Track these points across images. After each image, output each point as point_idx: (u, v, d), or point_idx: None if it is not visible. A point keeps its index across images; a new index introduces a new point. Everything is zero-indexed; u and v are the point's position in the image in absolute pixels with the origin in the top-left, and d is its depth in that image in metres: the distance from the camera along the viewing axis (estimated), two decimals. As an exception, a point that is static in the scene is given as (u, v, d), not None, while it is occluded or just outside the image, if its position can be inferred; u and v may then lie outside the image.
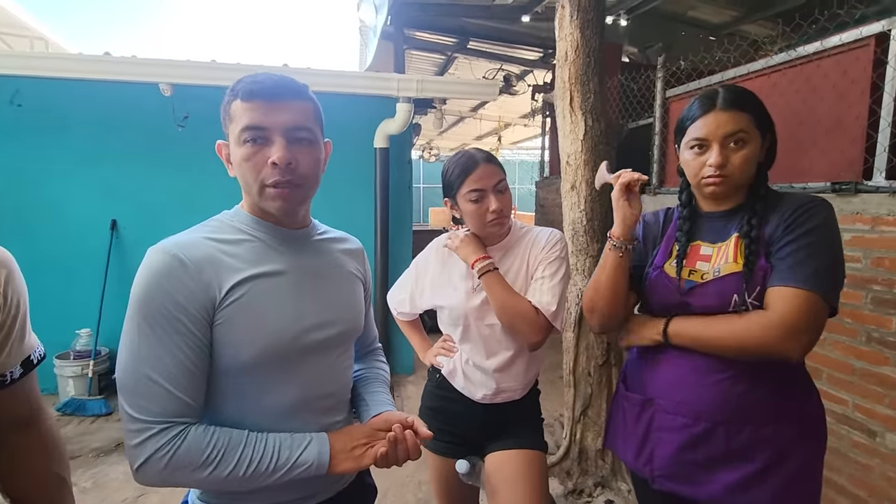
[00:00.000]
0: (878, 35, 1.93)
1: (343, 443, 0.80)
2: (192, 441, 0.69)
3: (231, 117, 0.77)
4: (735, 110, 0.95)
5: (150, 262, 0.72)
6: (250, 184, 0.78)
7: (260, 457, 0.72)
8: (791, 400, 0.98)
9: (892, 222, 1.83)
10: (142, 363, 0.69)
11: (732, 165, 0.95)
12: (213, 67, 2.88)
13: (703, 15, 5.01)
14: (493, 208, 1.15)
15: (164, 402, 0.69)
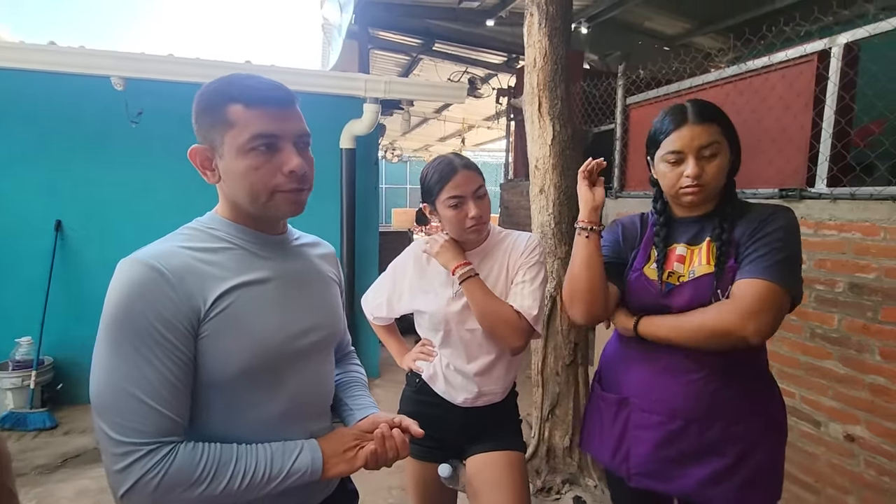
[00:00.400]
0: (820, 52, 2.07)
1: (334, 446, 0.79)
2: (182, 460, 0.66)
3: (229, 123, 0.72)
4: (706, 123, 1.00)
5: (127, 274, 0.68)
6: (258, 191, 0.74)
7: (253, 469, 0.70)
8: (758, 398, 1.05)
9: (833, 227, 1.97)
10: (123, 382, 0.65)
11: (707, 175, 1.00)
12: (171, 62, 2.75)
13: (658, 26, 5.23)
14: (473, 214, 1.16)
15: (151, 422, 0.66)
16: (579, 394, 2.25)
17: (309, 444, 0.77)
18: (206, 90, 0.75)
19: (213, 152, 0.75)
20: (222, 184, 0.77)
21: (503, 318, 1.15)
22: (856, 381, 1.93)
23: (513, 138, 5.58)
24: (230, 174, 0.74)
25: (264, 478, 0.71)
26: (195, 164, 0.77)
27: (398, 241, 5.64)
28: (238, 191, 0.75)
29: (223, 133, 0.73)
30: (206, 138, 0.75)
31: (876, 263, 1.84)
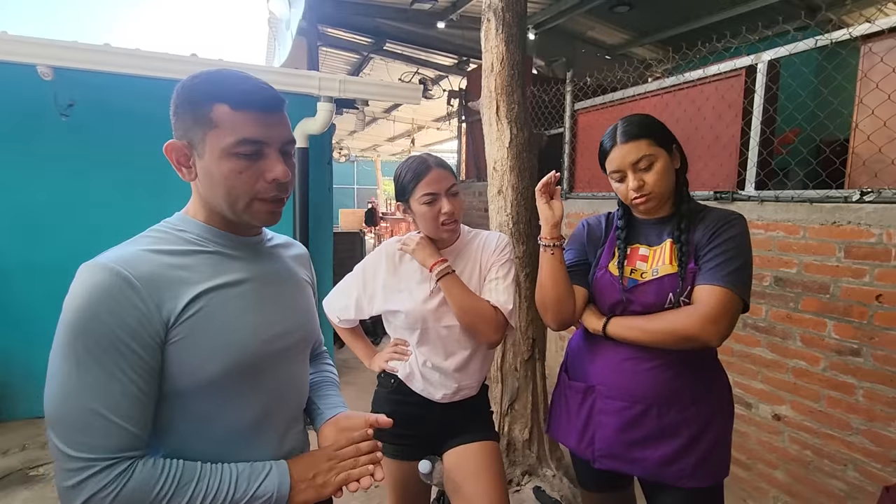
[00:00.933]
0: (748, 67, 2.28)
1: (303, 471, 0.76)
2: (139, 478, 0.63)
3: (213, 123, 0.69)
4: (633, 140, 1.08)
5: (89, 281, 0.63)
6: (237, 196, 0.72)
7: (215, 490, 0.67)
8: (708, 383, 1.15)
9: (761, 226, 2.17)
10: (82, 394, 0.62)
11: (650, 184, 1.09)
12: (107, 52, 2.57)
13: (600, 35, 5.49)
14: (446, 210, 1.19)
15: (109, 436, 0.62)
16: (537, 388, 2.33)
17: (277, 467, 0.75)
18: (189, 84, 0.72)
19: (192, 150, 0.72)
20: (197, 183, 0.75)
21: (482, 313, 1.19)
22: (781, 366, 2.14)
23: (464, 140, 5.65)
24: (209, 175, 0.72)
25: (226, 500, 0.68)
26: (170, 160, 0.74)
27: (350, 242, 5.57)
28: (216, 193, 0.73)
29: (205, 132, 0.70)
30: (184, 134, 0.72)
31: (797, 259, 2.05)
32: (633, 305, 1.13)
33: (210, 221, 0.77)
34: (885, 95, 1.82)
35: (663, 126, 1.13)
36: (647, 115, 1.15)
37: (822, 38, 1.95)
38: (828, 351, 1.96)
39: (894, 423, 1.76)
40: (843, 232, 1.89)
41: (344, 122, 8.43)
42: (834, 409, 1.95)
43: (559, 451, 2.39)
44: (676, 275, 1.08)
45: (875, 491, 1.82)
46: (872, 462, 1.83)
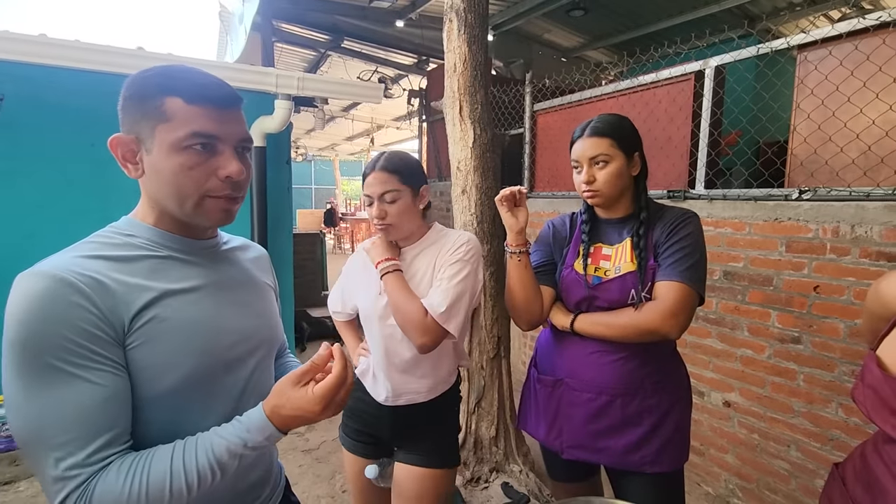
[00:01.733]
0: (696, 72, 2.39)
1: (274, 393, 0.68)
2: (103, 486, 0.59)
3: (164, 116, 0.66)
4: (597, 137, 1.14)
5: (31, 290, 0.59)
6: (186, 194, 0.69)
7: (195, 464, 0.63)
8: (668, 374, 1.21)
9: (710, 223, 2.29)
10: (47, 411, 0.58)
11: (599, 182, 1.14)
12: (43, 43, 2.39)
13: (556, 38, 5.63)
14: (373, 214, 1.19)
15: (87, 444, 0.59)
16: (503, 385, 2.36)
17: (249, 412, 0.68)
18: (139, 77, 0.68)
19: (139, 145, 0.68)
20: (145, 181, 0.71)
21: (409, 314, 1.13)
22: (730, 355, 2.26)
23: (425, 139, 5.64)
24: (157, 171, 0.68)
25: (212, 460, 0.63)
26: (115, 156, 0.70)
27: (310, 243, 5.45)
28: (164, 191, 0.69)
29: (154, 126, 0.67)
30: (132, 128, 0.68)
31: (743, 254, 2.18)
32: (598, 301, 1.17)
33: (160, 224, 0.73)
34: (819, 101, 1.96)
35: (633, 133, 1.18)
36: (624, 118, 1.19)
37: (764, 46, 2.08)
38: (772, 339, 2.09)
39: (831, 404, 1.90)
40: (784, 228, 2.02)
41: (301, 121, 8.24)
42: (778, 394, 2.08)
43: (525, 446, 2.43)
44: (636, 273, 1.13)
45: (815, 468, 1.96)
46: (812, 442, 1.97)
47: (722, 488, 2.32)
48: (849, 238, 1.83)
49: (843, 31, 1.86)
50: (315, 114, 3.47)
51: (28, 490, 2.28)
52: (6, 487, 2.30)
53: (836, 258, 1.87)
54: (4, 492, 2.27)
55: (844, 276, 1.85)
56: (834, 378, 1.89)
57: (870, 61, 1.81)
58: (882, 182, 1.80)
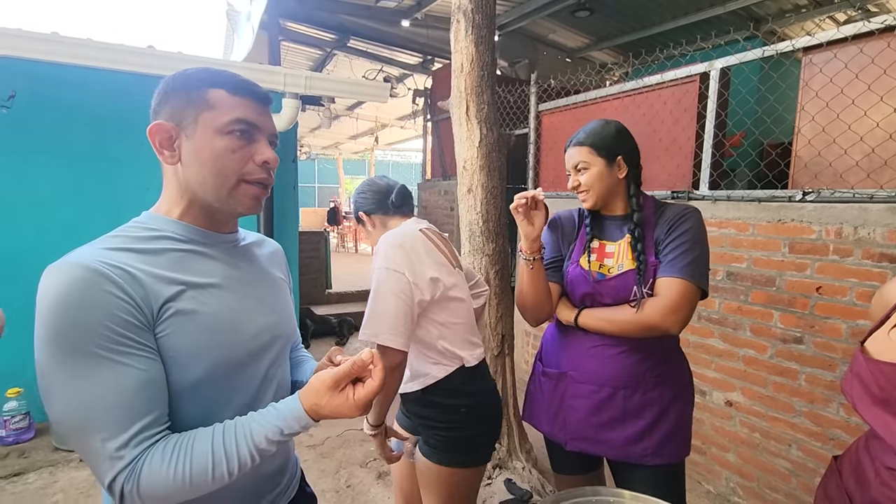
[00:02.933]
0: (701, 74, 2.41)
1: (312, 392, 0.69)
2: (150, 465, 0.62)
3: (209, 104, 0.71)
4: (577, 146, 1.23)
5: (62, 280, 0.60)
6: (226, 175, 0.72)
7: (235, 447, 0.65)
8: (670, 368, 1.23)
9: (714, 224, 2.31)
10: (89, 396, 0.60)
11: (584, 185, 1.22)
12: (56, 41, 2.42)
13: (561, 39, 5.64)
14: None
15: (128, 426, 0.62)
16: (507, 383, 2.39)
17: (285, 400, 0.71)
18: (181, 74, 0.74)
19: (179, 131, 0.72)
20: (179, 168, 0.73)
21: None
22: (732, 355, 2.28)
23: (430, 138, 5.67)
24: (197, 155, 0.71)
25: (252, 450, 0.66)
26: (153, 143, 0.72)
27: (314, 241, 5.48)
28: (203, 174, 0.72)
29: (199, 113, 0.71)
30: (172, 116, 0.72)
31: (747, 255, 2.19)
32: (602, 298, 1.21)
33: (185, 217, 0.75)
34: (823, 103, 1.98)
35: (616, 138, 1.21)
36: (611, 124, 1.23)
37: (769, 49, 2.10)
38: (774, 339, 2.11)
39: (832, 404, 1.92)
40: (787, 229, 2.04)
41: (306, 119, 8.27)
42: (779, 394, 2.10)
43: (528, 443, 2.45)
44: (636, 270, 1.16)
45: (816, 467, 1.97)
46: (813, 441, 1.99)
47: (723, 486, 2.34)
48: (852, 239, 1.85)
49: (848, 34, 1.88)
50: (321, 112, 3.50)
51: (37, 482, 2.31)
52: (16, 479, 2.33)
53: (839, 259, 1.88)
54: (14, 483, 2.30)
55: (847, 277, 1.86)
56: (835, 378, 1.91)
57: (874, 64, 1.82)
58: (885, 184, 1.81)
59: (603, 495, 0.77)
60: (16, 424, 2.60)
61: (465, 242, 2.34)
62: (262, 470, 0.81)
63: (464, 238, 2.34)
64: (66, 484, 2.30)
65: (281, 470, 0.86)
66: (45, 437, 2.67)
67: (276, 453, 0.83)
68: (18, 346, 2.63)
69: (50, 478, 2.35)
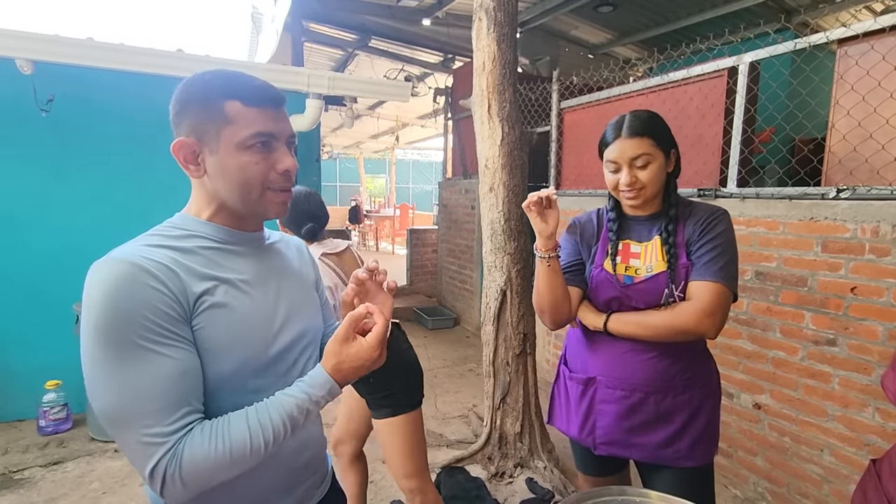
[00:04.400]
0: (729, 68, 2.35)
1: (328, 354, 0.74)
2: (191, 446, 0.65)
3: (228, 119, 0.72)
4: (637, 137, 1.12)
5: (108, 275, 0.64)
6: (251, 186, 0.75)
7: (270, 422, 0.69)
8: (699, 371, 1.21)
9: (742, 222, 2.25)
10: (133, 385, 0.63)
11: (641, 182, 1.13)
12: (91, 46, 2.51)
13: (583, 35, 5.57)
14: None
15: (169, 415, 0.65)
16: (528, 382, 2.38)
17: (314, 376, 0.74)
18: (195, 83, 0.74)
19: (202, 146, 0.73)
20: (206, 180, 0.76)
21: None
22: (761, 356, 2.22)
23: (451, 137, 5.67)
24: (222, 169, 0.73)
25: (285, 423, 0.70)
26: (177, 159, 0.75)
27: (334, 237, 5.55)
28: (229, 186, 0.74)
29: (219, 128, 0.72)
30: (193, 131, 0.73)
31: (777, 254, 2.13)
32: (631, 301, 1.18)
33: (216, 219, 0.78)
34: (859, 97, 1.91)
35: (667, 128, 1.16)
36: (655, 113, 1.17)
37: (801, 41, 2.03)
38: (805, 341, 2.05)
39: (867, 408, 1.86)
40: (819, 227, 1.97)
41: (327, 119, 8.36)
42: (811, 397, 2.04)
43: (550, 443, 2.44)
44: (667, 272, 1.14)
45: (849, 473, 1.91)
46: (847, 446, 1.92)
47: (751, 491, 2.28)
48: (889, 238, 1.78)
49: (886, 24, 1.80)
50: (343, 112, 3.54)
51: (75, 470, 2.41)
52: (55, 468, 2.43)
53: (876, 259, 1.82)
54: (53, 471, 2.40)
55: (884, 277, 1.80)
56: (871, 381, 1.84)
57: (914, 56, 1.75)
58: (925, 181, 1.74)
59: (629, 495, 0.77)
60: (55, 415, 2.72)
61: (486, 241, 2.34)
62: (297, 459, 0.83)
63: (485, 236, 2.34)
64: (102, 473, 2.39)
65: (314, 466, 0.88)
66: (83, 428, 2.78)
67: (309, 444, 0.85)
68: (57, 340, 2.76)
69: (87, 467, 2.44)
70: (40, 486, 2.29)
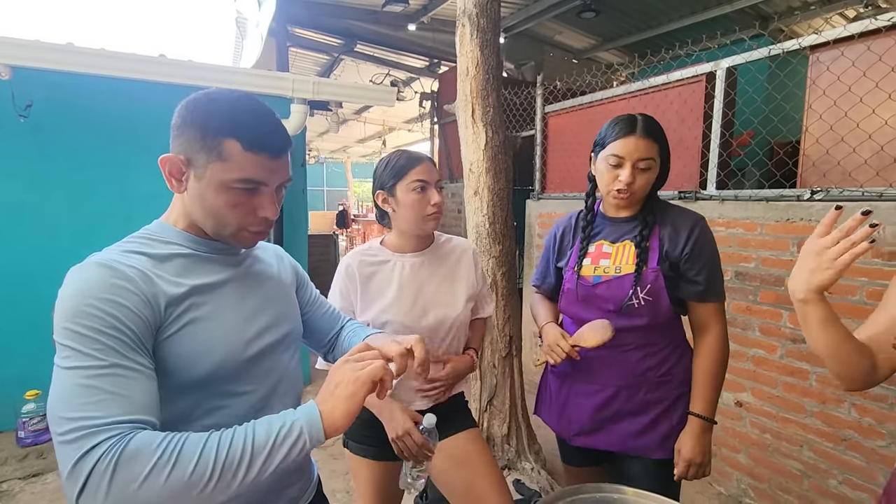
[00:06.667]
0: (708, 74, 2.41)
1: (324, 391, 0.70)
2: (137, 442, 0.58)
3: (221, 156, 0.71)
4: (650, 139, 1.11)
5: (82, 276, 0.65)
6: (225, 224, 0.75)
7: (228, 445, 0.60)
8: (674, 367, 1.24)
9: (721, 223, 2.30)
10: (83, 374, 0.59)
11: (637, 185, 1.12)
12: (70, 51, 2.47)
13: (567, 40, 5.64)
14: (436, 201, 1.21)
15: (111, 406, 0.60)
16: (515, 384, 2.39)
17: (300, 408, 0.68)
18: (201, 105, 0.72)
19: (189, 168, 0.73)
20: (185, 197, 0.76)
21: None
22: (742, 355, 2.27)
23: (437, 141, 5.69)
24: (202, 199, 0.74)
25: (246, 453, 0.61)
26: (162, 170, 0.74)
27: (324, 244, 5.53)
28: (205, 216, 0.75)
29: (209, 161, 0.71)
30: (185, 152, 0.72)
31: (755, 254, 2.18)
32: (597, 301, 1.21)
33: (191, 230, 0.78)
34: (831, 101, 1.97)
35: (667, 140, 1.18)
36: (647, 116, 1.17)
37: (775, 48, 2.09)
38: (784, 339, 2.09)
39: (844, 404, 1.91)
40: (795, 228, 2.02)
41: (313, 124, 8.34)
42: (790, 394, 2.08)
43: (537, 444, 2.46)
44: (634, 275, 1.17)
45: (828, 468, 1.96)
46: (825, 442, 1.97)
47: (734, 488, 2.32)
48: (861, 238, 1.83)
49: (856, 31, 1.87)
50: (329, 117, 3.54)
51: (55, 482, 2.36)
52: (35, 479, 2.38)
53: (849, 258, 1.87)
54: (33, 483, 2.35)
55: (857, 276, 1.85)
56: (847, 378, 1.89)
57: (882, 62, 1.81)
58: (895, 182, 1.80)
59: (606, 492, 0.78)
60: (34, 426, 2.66)
61: (472, 244, 2.36)
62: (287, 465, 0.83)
63: (471, 240, 2.36)
64: (82, 484, 2.34)
65: (300, 467, 0.89)
66: (62, 439, 2.72)
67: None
68: (36, 349, 2.71)
69: (67, 478, 2.40)
70: (19, 499, 2.24)
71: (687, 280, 1.18)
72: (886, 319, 0.81)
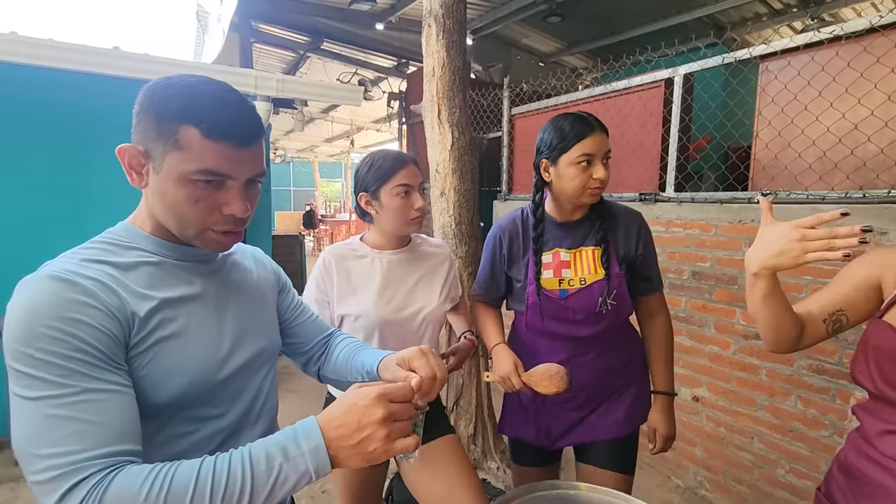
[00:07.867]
0: (666, 80, 2.49)
1: (344, 431, 0.59)
2: (120, 481, 0.53)
3: (178, 145, 0.63)
4: (605, 133, 1.14)
5: (33, 291, 0.58)
6: (188, 223, 0.67)
7: (226, 479, 0.55)
8: (632, 354, 1.32)
9: (680, 224, 2.38)
10: (49, 408, 0.54)
11: (607, 178, 1.14)
12: (14, 41, 2.33)
13: (534, 43, 5.72)
14: (419, 206, 1.22)
15: (86, 440, 0.54)
16: (480, 384, 2.41)
17: (302, 429, 0.60)
18: (161, 93, 0.64)
19: (148, 160, 0.66)
20: (148, 193, 0.69)
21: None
22: (698, 352, 2.35)
23: (405, 141, 5.67)
24: (161, 194, 0.66)
25: (245, 487, 0.55)
26: (122, 162, 0.67)
27: (289, 245, 5.42)
28: (166, 214, 0.68)
29: (166, 151, 0.64)
30: (143, 142, 0.65)
31: (710, 254, 2.27)
32: (568, 314, 1.22)
33: (157, 233, 0.71)
34: (779, 108, 2.07)
35: None
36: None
37: (728, 56, 2.18)
38: (737, 336, 2.19)
39: (791, 397, 2.00)
40: (747, 229, 2.12)
41: (279, 122, 8.17)
42: (742, 388, 2.18)
43: (502, 444, 2.48)
44: (603, 280, 1.19)
45: (776, 459, 2.05)
46: (773, 434, 2.06)
47: (691, 480, 2.41)
48: (806, 239, 1.93)
49: (801, 42, 1.97)
50: (294, 115, 3.47)
51: None
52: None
53: (795, 258, 1.97)
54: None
55: (803, 274, 1.95)
56: (793, 372, 1.99)
57: (825, 72, 1.91)
58: (836, 186, 1.90)
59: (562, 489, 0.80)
60: None
61: (438, 245, 2.36)
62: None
63: (437, 241, 2.36)
64: (28, 500, 2.22)
65: None
66: (7, 452, 2.57)
67: None
68: None
69: (11, 493, 2.26)
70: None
71: (641, 278, 1.26)
72: (827, 299, 0.88)
